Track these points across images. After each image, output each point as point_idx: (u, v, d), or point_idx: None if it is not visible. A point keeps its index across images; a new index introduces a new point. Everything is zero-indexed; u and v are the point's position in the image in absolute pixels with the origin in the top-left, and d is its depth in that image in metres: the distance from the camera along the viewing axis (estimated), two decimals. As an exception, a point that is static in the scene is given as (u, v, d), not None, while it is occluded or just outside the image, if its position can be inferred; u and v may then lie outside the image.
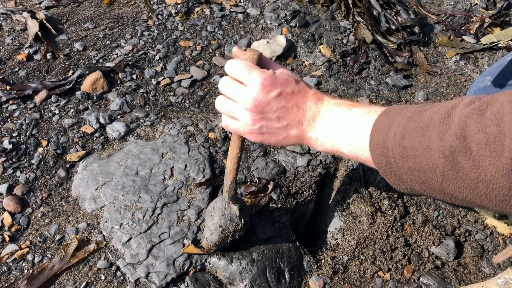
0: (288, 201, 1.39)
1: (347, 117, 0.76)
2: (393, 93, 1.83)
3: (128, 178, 1.35)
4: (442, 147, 0.58)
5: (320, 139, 0.80)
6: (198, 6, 2.09)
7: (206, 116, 1.61)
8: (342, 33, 2.03)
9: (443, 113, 0.61)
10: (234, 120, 0.86)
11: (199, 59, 1.85)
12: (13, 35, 1.80)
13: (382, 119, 0.70)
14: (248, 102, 0.79)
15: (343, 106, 0.79)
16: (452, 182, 0.58)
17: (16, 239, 1.24)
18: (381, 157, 0.68)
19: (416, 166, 0.62)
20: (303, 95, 0.81)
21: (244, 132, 0.85)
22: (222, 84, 0.84)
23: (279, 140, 0.84)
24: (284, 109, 0.80)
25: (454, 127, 0.57)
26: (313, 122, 0.81)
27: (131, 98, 1.64)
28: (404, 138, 0.64)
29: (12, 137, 1.45)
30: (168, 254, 1.21)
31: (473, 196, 0.57)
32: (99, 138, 1.49)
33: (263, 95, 0.78)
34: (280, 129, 0.82)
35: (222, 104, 0.86)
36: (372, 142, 0.69)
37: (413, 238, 1.35)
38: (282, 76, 0.80)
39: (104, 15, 1.98)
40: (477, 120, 0.55)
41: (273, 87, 0.79)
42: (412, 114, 0.66)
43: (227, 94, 0.84)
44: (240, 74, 0.81)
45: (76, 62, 1.73)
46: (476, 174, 0.55)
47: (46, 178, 1.37)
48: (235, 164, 1.03)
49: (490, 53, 2.05)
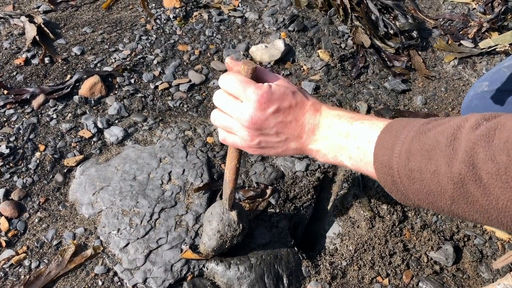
0: (287, 206, 1.39)
1: (349, 132, 0.75)
2: (392, 98, 1.83)
3: (126, 183, 1.35)
4: (450, 174, 0.57)
5: (321, 151, 0.79)
6: (196, 10, 2.09)
7: (204, 121, 1.61)
8: (340, 38, 2.03)
9: (449, 135, 0.60)
10: (232, 134, 0.84)
11: (197, 64, 1.85)
12: (11, 39, 1.79)
13: (385, 136, 0.69)
14: (245, 119, 0.77)
15: (343, 119, 0.77)
16: (462, 206, 0.58)
17: (13, 245, 1.23)
18: (386, 176, 0.67)
19: (424, 189, 0.62)
20: (301, 107, 0.80)
21: (242, 146, 0.84)
22: (217, 98, 0.82)
23: (278, 153, 0.83)
24: (282, 124, 0.79)
25: (461, 154, 0.56)
26: (313, 135, 0.79)
27: (129, 102, 1.63)
28: (410, 160, 0.63)
29: (9, 141, 1.44)
30: (166, 260, 1.21)
31: (483, 220, 0.57)
32: (97, 142, 1.49)
33: (260, 112, 0.76)
34: (279, 143, 0.81)
35: (218, 118, 0.84)
36: (377, 161, 0.68)
37: (411, 243, 1.34)
38: (278, 90, 0.78)
39: (102, 20, 1.98)
40: (485, 147, 0.54)
41: (270, 103, 0.77)
42: (416, 134, 0.64)
43: (223, 109, 0.82)
44: (235, 90, 0.78)
45: (74, 67, 1.73)
46: (487, 201, 0.54)
47: (43, 183, 1.37)
48: (234, 175, 1.02)
49: (488, 57, 2.05)
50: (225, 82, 0.80)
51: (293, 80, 1.83)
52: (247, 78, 0.79)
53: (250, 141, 0.81)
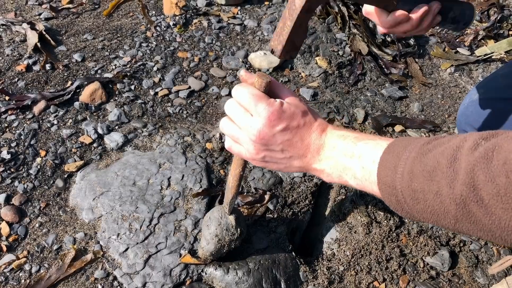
0: (285, 212, 1.41)
1: (353, 152, 0.76)
2: (389, 104, 1.85)
3: (126, 188, 1.36)
4: (452, 195, 0.59)
5: (326, 171, 0.81)
6: (196, 18, 2.12)
7: (204, 127, 1.62)
8: (338, 45, 2.05)
9: (449, 156, 0.61)
10: (238, 144, 0.86)
11: (197, 70, 1.87)
12: (13, 46, 1.81)
13: (387, 157, 0.71)
14: (252, 133, 0.79)
15: (348, 140, 0.78)
16: (465, 225, 0.60)
17: (14, 249, 1.24)
18: (391, 196, 0.69)
19: (428, 209, 0.64)
20: (308, 128, 0.81)
21: (246, 157, 0.86)
22: (229, 108, 0.84)
23: (281, 168, 0.85)
24: (288, 142, 0.80)
25: (462, 175, 0.58)
26: (318, 155, 0.81)
27: (129, 108, 1.65)
28: (413, 181, 0.64)
29: (10, 147, 1.46)
30: (165, 264, 1.22)
31: (488, 237, 0.59)
32: (97, 148, 1.51)
33: (268, 129, 0.78)
34: (283, 160, 0.83)
35: (227, 127, 0.85)
36: (380, 182, 0.70)
37: (408, 248, 1.36)
38: (289, 109, 0.80)
39: (103, 27, 2.00)
40: (484, 170, 0.56)
41: (279, 121, 0.78)
42: (417, 155, 0.66)
43: (233, 119, 0.84)
44: (247, 103, 0.80)
45: (74, 73, 1.75)
46: (490, 221, 0.56)
47: (44, 188, 1.38)
48: (237, 181, 1.04)
49: (484, 65, 2.07)
50: (238, 93, 0.81)
51: (291, 86, 1.85)
52: (260, 92, 0.81)
53: (255, 154, 0.82)
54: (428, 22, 1.03)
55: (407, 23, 1.00)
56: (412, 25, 1.01)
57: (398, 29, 1.02)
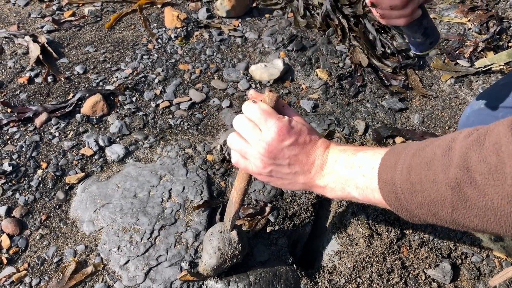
0: (286, 224, 1.40)
1: (353, 162, 0.79)
2: (389, 116, 1.85)
3: (127, 200, 1.36)
4: (447, 180, 0.60)
5: (329, 186, 0.83)
6: (197, 30, 2.13)
7: (204, 139, 1.63)
8: (338, 57, 2.07)
9: (444, 146, 0.64)
10: (245, 159, 0.88)
11: (198, 82, 1.88)
12: (15, 58, 1.83)
13: (388, 157, 0.73)
14: (262, 147, 0.82)
15: (348, 152, 0.81)
16: (461, 212, 0.61)
17: (14, 262, 1.24)
18: (390, 194, 0.70)
19: (425, 200, 0.65)
20: (314, 144, 0.84)
21: (253, 172, 0.88)
22: (238, 123, 0.87)
23: (285, 185, 0.87)
24: (295, 158, 0.83)
25: (456, 159, 0.60)
26: (321, 170, 0.83)
27: (131, 120, 1.66)
28: (411, 174, 0.66)
29: (12, 159, 1.46)
30: (166, 277, 1.21)
31: (483, 224, 0.59)
32: (98, 160, 1.51)
33: (277, 143, 0.81)
34: (289, 175, 0.85)
35: (235, 142, 0.88)
36: (381, 180, 0.72)
37: (409, 260, 1.35)
38: (297, 126, 0.83)
39: (104, 39, 2.01)
40: (477, 151, 0.58)
41: (288, 136, 0.81)
42: (416, 151, 0.69)
43: (242, 134, 0.86)
44: (257, 118, 0.83)
45: (76, 85, 1.76)
46: (483, 202, 0.57)
47: (45, 200, 1.38)
48: (241, 196, 1.04)
49: (484, 76, 2.08)
50: (249, 109, 0.85)
51: (292, 98, 1.86)
52: (270, 108, 0.84)
53: (262, 168, 0.85)
54: (413, 7, 1.06)
55: None
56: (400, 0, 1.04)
57: (386, 1, 1.06)
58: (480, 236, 1.42)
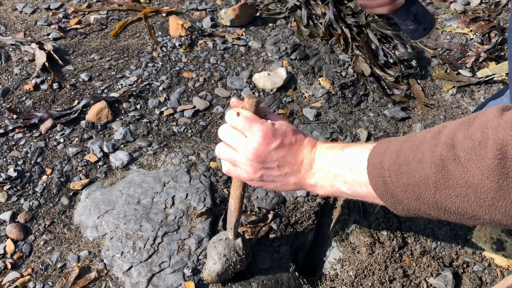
0: (288, 231, 1.41)
1: (341, 158, 0.80)
2: (391, 125, 1.86)
3: (130, 206, 1.37)
4: (433, 158, 0.61)
5: (319, 183, 0.84)
6: (201, 38, 2.16)
7: (208, 146, 1.64)
8: (341, 66, 2.08)
9: (435, 131, 0.65)
10: (236, 167, 0.89)
11: (202, 90, 1.89)
12: (21, 65, 1.85)
13: (379, 145, 0.75)
14: (249, 152, 0.83)
15: (336, 148, 0.83)
16: (444, 192, 0.61)
17: (18, 267, 1.25)
18: (377, 178, 0.71)
19: (410, 181, 0.66)
20: (300, 144, 0.86)
21: (245, 178, 0.89)
22: (223, 132, 0.88)
23: (277, 187, 0.88)
24: (284, 159, 0.84)
25: (444, 138, 0.61)
26: (310, 169, 0.84)
27: (135, 127, 1.67)
28: (399, 157, 0.68)
29: (17, 165, 1.48)
30: (168, 283, 1.22)
31: (464, 205, 0.60)
32: (102, 166, 1.52)
33: (264, 147, 0.82)
34: (279, 177, 0.86)
35: (223, 151, 0.90)
36: (370, 164, 0.73)
37: (411, 269, 1.36)
38: (281, 128, 0.85)
39: (110, 47, 2.04)
40: (464, 130, 0.59)
41: (274, 138, 0.83)
42: (407, 137, 0.71)
43: (228, 143, 0.88)
44: (241, 125, 0.84)
45: (81, 92, 1.78)
46: (465, 179, 0.58)
47: (49, 206, 1.40)
48: (239, 203, 1.06)
49: (486, 86, 2.10)
50: (232, 118, 0.86)
51: (294, 107, 1.87)
52: (252, 113, 0.85)
53: (253, 174, 0.86)
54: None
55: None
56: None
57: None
58: (481, 245, 1.43)
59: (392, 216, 1.45)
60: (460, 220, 0.64)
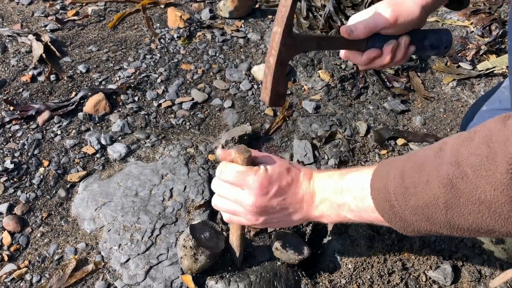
0: (286, 224, 1.40)
1: (342, 187, 0.79)
2: (391, 118, 1.85)
3: (128, 199, 1.36)
4: (439, 177, 0.60)
5: (324, 214, 0.84)
6: (200, 30, 2.14)
7: (206, 138, 1.63)
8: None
9: (436, 148, 0.64)
10: (237, 216, 0.89)
11: (200, 82, 1.88)
12: (18, 57, 1.83)
13: (380, 168, 0.73)
14: (248, 205, 0.83)
15: (334, 177, 0.82)
16: (455, 210, 0.60)
17: (15, 259, 1.24)
18: (384, 202, 0.70)
19: (419, 203, 0.64)
20: (296, 181, 0.85)
21: (248, 225, 0.90)
22: (217, 187, 0.88)
23: (282, 225, 0.91)
24: (284, 201, 0.84)
25: (447, 157, 0.60)
26: (313, 202, 0.84)
27: (133, 119, 1.66)
28: (404, 179, 0.66)
29: (14, 157, 1.47)
30: (166, 276, 1.21)
31: (478, 221, 0.58)
32: (100, 159, 1.51)
33: (262, 198, 0.82)
34: (283, 217, 0.86)
35: (221, 204, 0.89)
36: (374, 190, 0.71)
37: (410, 262, 1.35)
38: (275, 172, 0.84)
39: (107, 38, 2.02)
40: (467, 146, 0.57)
41: (270, 186, 0.82)
42: (407, 157, 0.69)
43: (224, 196, 0.88)
44: (236, 180, 0.84)
45: (79, 84, 1.77)
46: (476, 196, 0.56)
47: (47, 198, 1.39)
48: (240, 241, 1.12)
49: (486, 79, 2.08)
50: (224, 174, 0.86)
51: (294, 99, 1.86)
52: (243, 166, 0.85)
53: (255, 221, 0.86)
54: (402, 54, 1.08)
55: (381, 58, 1.05)
56: (386, 59, 1.06)
57: (374, 65, 1.08)
58: (481, 238, 1.42)
59: (391, 209, 1.44)
60: (475, 235, 0.63)
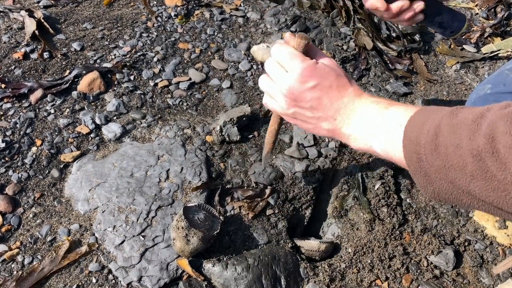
0: (285, 207, 1.37)
1: (383, 116, 0.76)
2: (393, 100, 1.81)
3: (123, 179, 1.33)
4: (470, 146, 0.57)
5: (353, 136, 0.80)
6: (198, 9, 2.08)
7: (204, 119, 1.59)
8: (342, 39, 2.02)
9: (477, 113, 0.61)
10: (273, 100, 0.88)
11: (198, 62, 1.83)
12: (10, 33, 1.78)
13: (418, 116, 0.70)
14: (284, 88, 0.82)
15: (381, 105, 0.78)
16: (480, 183, 0.57)
17: (6, 240, 1.21)
18: (412, 154, 0.67)
19: (446, 164, 0.62)
20: (341, 90, 0.81)
21: (280, 112, 0.88)
22: (267, 64, 0.87)
23: (310, 129, 0.86)
24: (318, 101, 0.81)
25: (484, 127, 0.57)
26: (348, 119, 0.81)
27: (128, 99, 1.61)
28: (438, 136, 0.63)
29: (5, 135, 1.42)
30: (162, 258, 1.18)
31: (500, 200, 0.56)
32: (95, 138, 1.47)
33: (299, 84, 0.80)
34: (312, 119, 0.83)
35: (264, 83, 0.88)
36: (406, 138, 0.69)
37: (411, 246, 1.33)
38: (323, 69, 0.81)
39: (103, 16, 1.96)
40: (507, 122, 0.55)
41: (311, 77, 0.80)
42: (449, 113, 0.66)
43: (269, 75, 0.86)
44: (283, 60, 0.83)
45: (73, 62, 1.71)
46: (503, 176, 0.54)
47: (39, 178, 1.35)
48: (273, 138, 1.12)
49: (491, 62, 2.04)
50: (276, 51, 0.85)
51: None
52: (297, 51, 0.83)
53: (286, 109, 0.85)
54: (408, 16, 1.10)
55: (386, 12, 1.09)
56: (389, 14, 1.09)
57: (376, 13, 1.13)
58: (484, 223, 1.39)
59: (392, 193, 1.42)
60: (494, 213, 0.61)
